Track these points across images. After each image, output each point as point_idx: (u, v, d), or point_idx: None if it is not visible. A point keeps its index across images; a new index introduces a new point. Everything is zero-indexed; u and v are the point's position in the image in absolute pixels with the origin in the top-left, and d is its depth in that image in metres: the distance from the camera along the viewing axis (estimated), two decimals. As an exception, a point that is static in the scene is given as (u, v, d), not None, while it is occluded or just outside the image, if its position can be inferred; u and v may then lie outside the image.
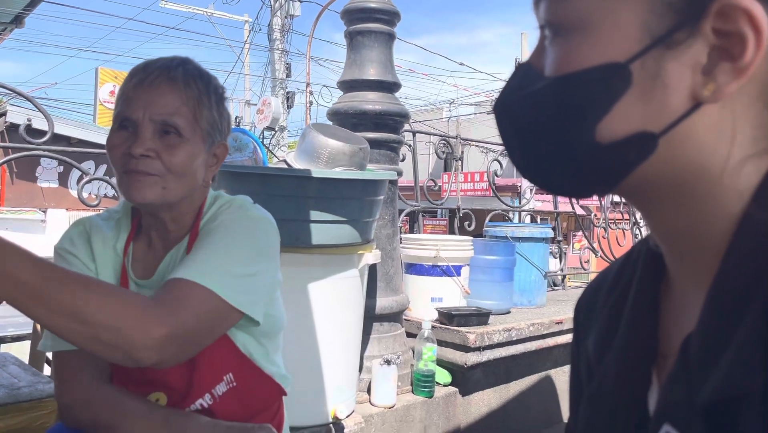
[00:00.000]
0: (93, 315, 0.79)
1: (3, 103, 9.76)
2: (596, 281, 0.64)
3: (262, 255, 1.04)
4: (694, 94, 0.42)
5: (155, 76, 0.99)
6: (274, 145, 11.13)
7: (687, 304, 0.49)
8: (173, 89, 0.99)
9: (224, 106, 1.08)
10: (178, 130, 0.99)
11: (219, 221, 1.04)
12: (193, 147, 1.01)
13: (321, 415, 1.93)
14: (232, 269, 0.98)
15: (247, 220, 1.06)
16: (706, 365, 0.41)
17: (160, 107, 0.98)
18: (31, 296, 0.76)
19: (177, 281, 0.92)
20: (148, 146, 0.97)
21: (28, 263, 0.76)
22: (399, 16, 2.43)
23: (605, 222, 4.50)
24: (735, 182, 0.44)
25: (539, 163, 0.49)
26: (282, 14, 11.96)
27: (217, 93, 1.06)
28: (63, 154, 2.46)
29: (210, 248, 0.98)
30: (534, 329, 2.78)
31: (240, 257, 1.00)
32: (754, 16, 0.40)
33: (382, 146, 2.41)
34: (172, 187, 1.00)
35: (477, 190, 13.93)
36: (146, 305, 0.86)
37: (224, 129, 1.09)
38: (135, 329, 0.82)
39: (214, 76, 1.09)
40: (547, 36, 0.48)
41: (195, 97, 1.01)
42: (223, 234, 1.01)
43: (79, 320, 0.79)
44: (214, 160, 1.08)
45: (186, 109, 1.00)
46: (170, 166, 0.99)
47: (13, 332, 2.73)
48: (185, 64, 1.04)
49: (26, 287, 0.75)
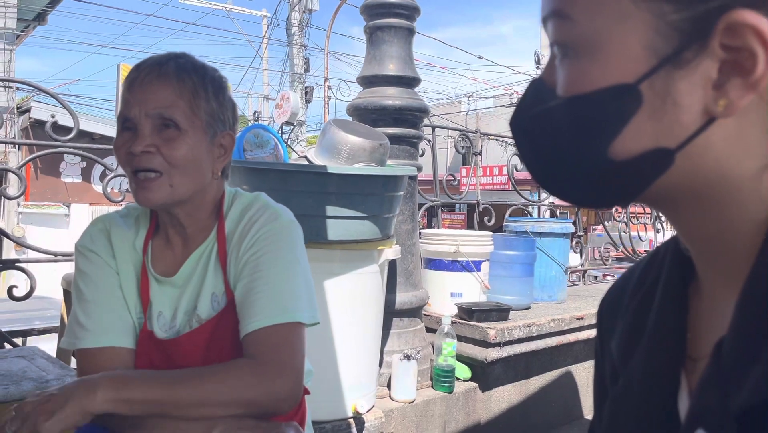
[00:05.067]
0: (223, 402, 0.92)
1: (27, 99, 9.92)
2: (620, 281, 0.64)
3: (302, 262, 1.08)
4: (707, 109, 0.42)
5: (146, 73, 1.00)
6: (293, 140, 11.18)
7: (718, 307, 0.48)
8: (166, 84, 1.00)
9: (225, 96, 1.07)
10: (176, 123, 1.00)
11: (260, 241, 1.06)
12: (193, 139, 1.01)
13: (342, 409, 1.94)
14: (296, 291, 1.04)
15: (284, 231, 1.08)
16: (740, 369, 0.41)
17: (154, 102, 0.99)
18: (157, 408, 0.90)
19: (267, 329, 0.99)
20: (147, 142, 0.99)
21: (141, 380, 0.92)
22: (419, 11, 2.43)
23: (626, 216, 4.46)
24: (757, 190, 0.44)
25: (557, 179, 0.50)
26: (300, 9, 11.98)
27: (214, 83, 1.05)
28: (87, 151, 2.49)
29: (273, 279, 1.03)
30: (554, 325, 2.76)
31: (293, 275, 1.05)
32: (762, 31, 0.39)
33: (401, 142, 2.40)
34: (178, 183, 1.01)
35: (496, 184, 13.85)
36: (261, 370, 0.96)
37: (228, 118, 1.08)
38: (265, 397, 0.94)
39: (213, 68, 1.08)
40: (556, 54, 0.48)
41: (190, 89, 1.01)
42: (274, 258, 1.05)
43: (213, 408, 0.92)
44: (221, 150, 1.07)
45: (182, 102, 1.00)
46: (171, 160, 1.00)
47: (40, 325, 2.78)
48: (177, 58, 1.04)
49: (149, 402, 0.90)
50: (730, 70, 0.41)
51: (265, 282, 1.02)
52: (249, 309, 1.01)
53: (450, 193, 3.47)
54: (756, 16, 0.39)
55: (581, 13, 0.44)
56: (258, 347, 0.98)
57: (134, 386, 0.90)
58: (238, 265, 1.06)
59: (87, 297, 1.07)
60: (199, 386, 0.92)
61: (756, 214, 0.44)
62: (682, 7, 0.41)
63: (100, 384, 0.89)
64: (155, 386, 0.91)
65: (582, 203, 0.52)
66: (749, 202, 0.44)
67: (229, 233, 1.09)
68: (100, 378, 0.91)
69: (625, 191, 0.47)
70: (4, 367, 1.61)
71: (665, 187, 0.45)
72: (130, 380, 0.92)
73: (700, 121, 0.42)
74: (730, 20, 0.40)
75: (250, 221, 1.08)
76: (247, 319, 1.00)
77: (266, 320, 0.99)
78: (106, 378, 0.91)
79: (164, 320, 1.08)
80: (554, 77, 0.48)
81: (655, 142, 0.43)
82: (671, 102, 0.42)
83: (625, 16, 0.43)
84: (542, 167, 0.50)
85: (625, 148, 0.44)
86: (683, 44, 0.41)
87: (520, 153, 0.51)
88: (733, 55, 0.40)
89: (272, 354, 0.97)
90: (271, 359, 0.97)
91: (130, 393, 0.89)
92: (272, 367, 0.96)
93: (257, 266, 1.04)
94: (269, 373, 0.95)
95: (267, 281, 1.03)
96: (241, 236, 1.07)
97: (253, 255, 1.05)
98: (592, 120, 0.45)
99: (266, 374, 0.95)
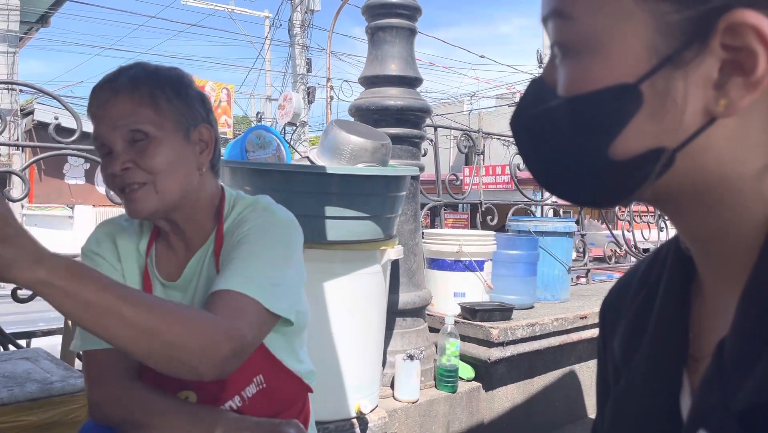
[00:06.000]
0: (165, 332, 0.80)
1: (31, 101, 9.95)
2: (623, 280, 0.64)
3: (293, 258, 1.06)
4: (708, 109, 0.42)
5: (102, 92, 1.00)
6: (296, 140, 11.19)
7: (719, 306, 0.48)
8: (121, 97, 0.99)
9: (187, 92, 1.05)
10: (144, 132, 0.99)
11: (249, 226, 1.04)
12: (166, 143, 1.00)
13: (345, 410, 1.94)
14: (271, 277, 0.99)
15: (277, 224, 1.06)
16: (741, 369, 0.41)
17: (116, 118, 0.98)
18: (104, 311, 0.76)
19: (227, 293, 0.93)
20: (122, 159, 0.98)
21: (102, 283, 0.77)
22: (420, 11, 2.43)
23: (630, 215, 4.45)
24: (759, 190, 0.44)
25: (557, 178, 0.50)
26: (302, 9, 11.99)
27: (171, 83, 1.03)
28: (90, 153, 2.50)
29: (249, 257, 0.99)
30: (558, 324, 2.76)
31: (275, 263, 1.01)
32: (762, 31, 0.39)
33: (403, 142, 2.41)
34: (164, 188, 1.00)
35: (499, 183, 13.84)
36: (213, 323, 0.87)
37: (198, 112, 1.06)
38: (204, 348, 0.84)
39: (170, 68, 1.06)
40: (557, 54, 0.48)
41: (147, 94, 1.00)
42: (257, 241, 1.02)
43: (150, 336, 0.80)
44: (202, 145, 1.06)
45: (143, 110, 0.99)
46: (151, 169, 0.99)
47: (44, 326, 2.79)
48: (128, 70, 1.03)
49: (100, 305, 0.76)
50: (731, 69, 0.41)
51: (245, 255, 0.99)
52: (220, 275, 0.98)
53: (453, 192, 3.47)
54: (757, 15, 0.39)
55: (582, 12, 0.44)
56: (217, 305, 0.92)
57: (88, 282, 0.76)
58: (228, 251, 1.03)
59: None
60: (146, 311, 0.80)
61: (757, 214, 0.44)
62: (682, 7, 0.41)
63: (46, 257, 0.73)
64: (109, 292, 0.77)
65: (582, 203, 0.52)
66: (750, 202, 0.44)
67: (226, 233, 1.08)
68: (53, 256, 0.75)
69: (625, 191, 0.47)
70: (8, 369, 1.61)
71: (666, 187, 0.45)
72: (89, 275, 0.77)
73: (700, 121, 0.42)
74: (730, 20, 0.40)
75: (245, 217, 1.07)
76: (215, 282, 0.96)
77: (232, 284, 0.94)
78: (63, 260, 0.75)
79: None
80: (555, 77, 0.48)
81: (655, 141, 0.43)
82: (672, 102, 0.42)
83: (626, 16, 0.43)
84: (543, 167, 0.50)
85: (626, 148, 0.44)
86: (684, 44, 0.41)
87: (521, 153, 0.51)
88: (733, 54, 0.40)
89: (228, 318, 0.90)
90: (227, 318, 0.90)
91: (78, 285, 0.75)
92: (222, 328, 0.87)
93: (241, 240, 1.02)
94: (218, 333, 0.86)
95: (247, 254, 0.99)
96: (233, 229, 1.06)
97: (243, 236, 1.03)
98: (592, 120, 0.45)
99: (215, 333, 0.86)
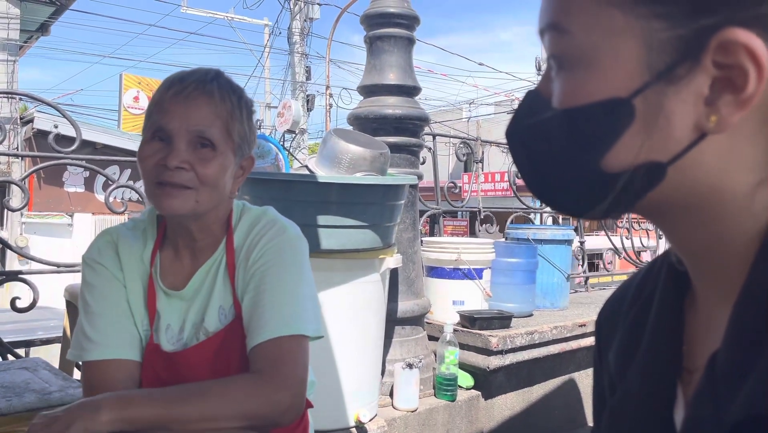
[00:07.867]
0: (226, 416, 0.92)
1: (30, 110, 9.97)
2: (618, 292, 0.64)
3: (307, 276, 1.10)
4: (699, 125, 0.42)
5: (192, 88, 1.01)
6: (295, 147, 11.20)
7: (712, 319, 0.49)
8: (209, 102, 1.01)
9: (253, 120, 1.11)
10: (213, 142, 1.01)
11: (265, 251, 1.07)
12: (224, 160, 1.03)
13: (344, 419, 1.94)
14: (301, 305, 1.04)
15: (291, 246, 1.10)
16: (733, 382, 0.41)
17: (196, 120, 1.00)
18: (162, 426, 0.90)
19: (273, 342, 1.00)
20: (183, 158, 0.99)
21: (144, 399, 0.91)
22: (418, 20, 2.44)
23: (628, 222, 4.45)
24: (749, 205, 0.44)
25: (551, 188, 0.50)
26: (301, 17, 12.03)
27: (247, 107, 1.08)
28: (89, 162, 2.51)
29: (278, 294, 1.04)
30: (557, 332, 2.76)
31: (299, 288, 1.06)
32: (754, 51, 0.40)
33: (402, 150, 2.41)
34: (204, 200, 1.03)
35: (497, 190, 13.85)
36: (262, 383, 0.96)
37: (252, 142, 1.11)
38: (267, 410, 0.95)
39: (243, 89, 1.11)
40: (552, 66, 0.48)
41: (229, 110, 1.03)
42: (279, 272, 1.06)
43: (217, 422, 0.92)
44: (240, 172, 1.11)
45: (220, 123, 1.02)
46: (203, 179, 1.01)
47: (43, 335, 2.79)
48: (219, 77, 1.06)
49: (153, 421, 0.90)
50: (722, 86, 0.41)
51: (271, 296, 1.04)
52: (254, 323, 1.03)
53: (451, 200, 3.48)
54: (748, 34, 0.40)
55: (577, 27, 0.45)
56: (261, 360, 0.99)
57: (138, 405, 0.91)
58: (246, 277, 1.07)
59: (94, 309, 1.07)
60: (202, 402, 0.93)
61: (748, 228, 0.44)
62: (671, 25, 0.42)
63: (103, 405, 0.90)
64: (158, 405, 0.91)
65: (575, 213, 0.52)
66: (741, 216, 0.44)
67: (238, 247, 1.10)
68: (103, 399, 0.91)
69: (617, 203, 0.47)
70: (7, 379, 1.61)
71: (658, 200, 0.46)
72: (133, 399, 0.92)
73: (692, 136, 0.43)
74: (723, 38, 0.40)
75: (258, 235, 1.10)
76: (252, 333, 1.02)
77: (270, 333, 1.00)
78: (109, 398, 0.91)
79: (172, 332, 1.09)
80: (550, 89, 0.49)
81: (647, 155, 0.44)
82: (663, 117, 0.43)
83: (619, 32, 0.43)
84: (536, 177, 0.51)
85: (618, 161, 0.44)
86: (675, 61, 0.42)
87: (516, 162, 0.52)
88: (725, 72, 0.41)
89: (275, 367, 0.98)
90: (274, 371, 0.98)
91: (134, 413, 0.90)
92: (274, 380, 0.97)
93: (263, 278, 1.05)
94: (271, 386, 0.96)
95: (272, 294, 1.04)
96: (249, 249, 1.09)
97: (260, 268, 1.06)
98: (585, 132, 0.45)
99: (268, 387, 0.96)
